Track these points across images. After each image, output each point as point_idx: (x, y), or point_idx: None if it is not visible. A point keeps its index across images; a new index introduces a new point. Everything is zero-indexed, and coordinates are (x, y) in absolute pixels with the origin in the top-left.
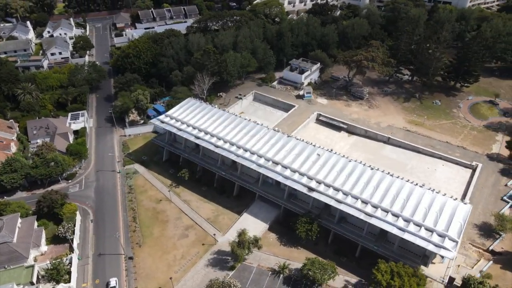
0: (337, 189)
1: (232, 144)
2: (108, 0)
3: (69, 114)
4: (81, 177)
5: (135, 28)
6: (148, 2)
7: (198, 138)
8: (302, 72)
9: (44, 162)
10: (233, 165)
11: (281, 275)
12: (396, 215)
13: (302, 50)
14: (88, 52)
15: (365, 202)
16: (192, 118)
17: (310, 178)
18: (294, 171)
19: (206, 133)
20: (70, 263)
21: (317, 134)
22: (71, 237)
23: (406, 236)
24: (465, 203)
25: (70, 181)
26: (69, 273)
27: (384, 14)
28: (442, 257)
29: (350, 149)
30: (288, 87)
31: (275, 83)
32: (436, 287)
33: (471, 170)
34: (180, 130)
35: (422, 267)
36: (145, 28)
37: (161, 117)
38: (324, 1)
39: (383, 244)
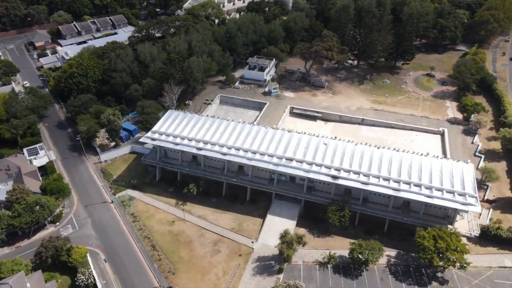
0: (357, 173)
1: (238, 149)
2: (15, 18)
3: (25, 150)
4: (69, 217)
5: (60, 45)
6: (65, 15)
7: (200, 149)
8: (262, 69)
9: (27, 207)
10: (240, 170)
11: (329, 266)
12: (418, 185)
13: (253, 48)
14: (13, 77)
15: (386, 179)
16: (184, 130)
17: (329, 167)
18: (310, 163)
19: (206, 142)
20: None
21: (296, 127)
22: (93, 283)
23: (435, 201)
24: (467, 163)
25: (57, 224)
26: None
27: (312, 7)
28: (460, 214)
29: (332, 135)
30: (252, 86)
31: (237, 83)
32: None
33: (440, 135)
34: (177, 144)
35: (449, 226)
36: (79, 43)
37: (149, 134)
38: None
39: (410, 214)
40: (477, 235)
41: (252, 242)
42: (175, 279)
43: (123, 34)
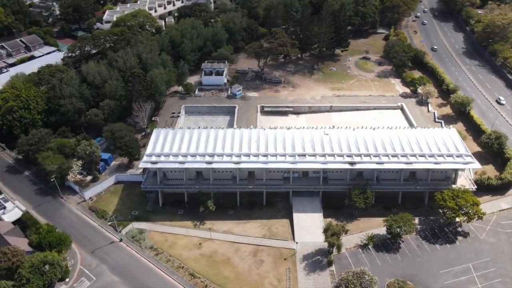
0: (368, 155)
1: (248, 155)
2: None
3: None
4: (77, 269)
5: None
6: None
7: (210, 163)
8: (219, 73)
9: (34, 270)
10: (250, 176)
11: (370, 246)
12: (422, 155)
13: (200, 54)
14: None
15: (395, 156)
16: (182, 147)
17: (342, 155)
18: (322, 155)
19: (212, 155)
20: None
21: (272, 124)
22: None
23: (442, 166)
24: (449, 127)
25: (68, 280)
26: None
27: (236, 6)
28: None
29: (308, 126)
30: (213, 91)
31: (197, 91)
32: None
33: (399, 110)
34: (183, 162)
35: (453, 186)
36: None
37: (146, 159)
38: (191, 3)
39: (419, 183)
40: (475, 188)
41: (297, 243)
42: None
43: (48, 57)
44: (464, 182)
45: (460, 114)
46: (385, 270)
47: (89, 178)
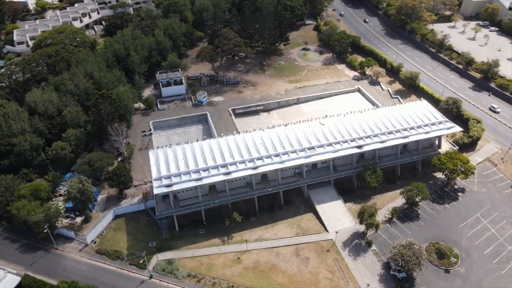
0: (368, 137)
1: (260, 158)
2: None
3: None
4: None
5: None
6: None
7: (228, 173)
8: (177, 82)
9: None
10: (263, 179)
11: (395, 219)
12: (412, 128)
13: (148, 64)
14: None
15: (391, 133)
16: (190, 163)
17: (346, 141)
18: (329, 144)
19: (224, 166)
20: None
21: (248, 124)
22: None
23: (431, 134)
24: (421, 99)
25: None
26: None
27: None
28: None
29: (283, 121)
30: (176, 102)
31: (159, 105)
32: None
33: (357, 92)
34: (199, 179)
35: (439, 150)
36: None
37: (156, 184)
38: (116, 14)
39: (412, 154)
40: (458, 148)
41: (336, 232)
42: None
43: None
44: (445, 145)
45: (410, 87)
46: (416, 237)
47: (78, 219)
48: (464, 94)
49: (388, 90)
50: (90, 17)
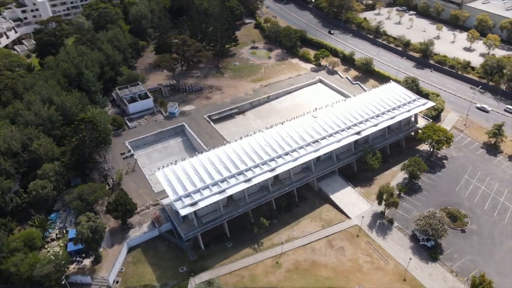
0: (361, 122)
1: (272, 159)
2: None
3: None
4: None
5: None
6: None
7: (248, 180)
8: (142, 97)
9: None
10: (276, 179)
11: (402, 193)
12: (394, 109)
13: (102, 81)
14: None
15: (378, 116)
16: (205, 177)
17: (343, 130)
18: (330, 135)
19: (239, 173)
20: None
21: (229, 129)
22: None
23: (412, 112)
24: (391, 81)
25: None
26: None
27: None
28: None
29: (261, 121)
30: (146, 117)
31: (129, 123)
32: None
33: (319, 83)
34: (222, 192)
35: (417, 125)
36: None
37: (179, 205)
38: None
39: (397, 133)
40: (432, 121)
41: (363, 217)
42: None
43: None
44: (420, 120)
45: (366, 72)
46: (426, 207)
47: (87, 262)
48: (411, 72)
49: (347, 78)
50: (7, 37)
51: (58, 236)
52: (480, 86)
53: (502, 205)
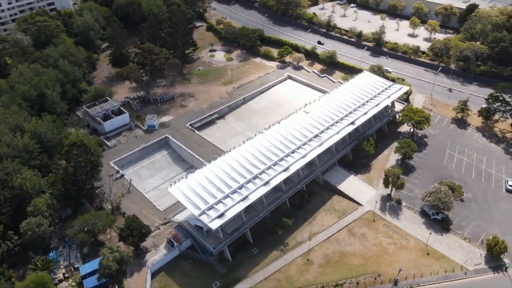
0: (351, 113)
1: (281, 159)
2: None
3: None
4: None
5: None
6: None
7: (267, 183)
8: (115, 112)
9: None
10: (287, 178)
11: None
12: (375, 96)
13: (66, 101)
14: None
15: (364, 104)
16: (224, 185)
17: (339, 121)
18: (328, 128)
19: (255, 177)
20: None
21: (214, 134)
22: None
23: (393, 97)
24: (364, 71)
25: None
26: None
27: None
28: None
29: (243, 123)
30: (124, 133)
31: (108, 143)
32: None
33: (288, 79)
34: (246, 198)
35: (395, 109)
36: None
37: (206, 220)
38: None
39: (382, 117)
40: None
41: (376, 202)
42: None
43: None
44: (396, 104)
45: (330, 65)
46: (425, 183)
47: None
48: (369, 61)
49: (313, 72)
50: None
51: (66, 275)
52: (440, 68)
53: (485, 172)
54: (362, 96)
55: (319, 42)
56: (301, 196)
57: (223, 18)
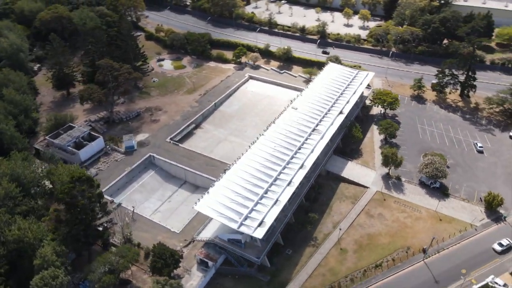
0: (335, 102)
1: (292, 157)
2: None
3: None
4: None
5: None
6: None
7: (290, 184)
8: (87, 138)
9: None
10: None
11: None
12: (350, 85)
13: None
14: None
15: (343, 93)
16: (249, 193)
17: (328, 112)
18: (321, 120)
19: (275, 179)
20: None
21: (198, 145)
22: None
23: (364, 84)
24: (328, 63)
25: None
26: None
27: None
28: None
29: (223, 129)
30: (102, 160)
31: (88, 172)
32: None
33: (250, 79)
34: (277, 202)
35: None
36: None
37: (246, 229)
38: None
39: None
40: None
41: (383, 179)
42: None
43: None
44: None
45: (287, 61)
46: (413, 157)
47: None
48: (318, 53)
49: (272, 69)
50: None
51: None
52: (391, 53)
53: (456, 139)
54: (338, 86)
55: (324, 52)
56: (314, 190)
57: (159, 25)
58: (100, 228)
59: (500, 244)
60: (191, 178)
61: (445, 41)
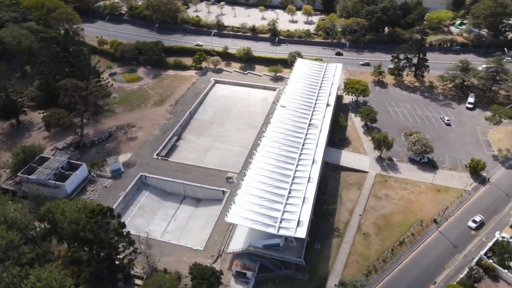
0: (319, 96)
1: (302, 148)
2: None
3: None
4: None
5: None
6: None
7: (309, 180)
8: (67, 168)
9: None
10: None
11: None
12: (326, 77)
13: None
14: None
15: (324, 85)
16: (274, 195)
17: (316, 106)
18: (312, 114)
19: (293, 178)
20: None
21: (187, 157)
22: None
23: (337, 75)
24: (297, 59)
25: None
26: None
27: None
28: None
29: (205, 138)
30: (89, 189)
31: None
32: None
33: (217, 84)
34: (305, 199)
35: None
36: None
37: (286, 231)
38: None
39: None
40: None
41: (384, 161)
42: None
43: None
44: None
45: (248, 61)
46: (395, 138)
47: None
48: (272, 50)
49: (235, 70)
50: None
51: None
52: (348, 45)
53: (424, 116)
54: (315, 79)
55: (338, 53)
56: (322, 182)
57: (98, 37)
58: (125, 261)
59: (474, 221)
60: (191, 192)
61: (386, 29)
